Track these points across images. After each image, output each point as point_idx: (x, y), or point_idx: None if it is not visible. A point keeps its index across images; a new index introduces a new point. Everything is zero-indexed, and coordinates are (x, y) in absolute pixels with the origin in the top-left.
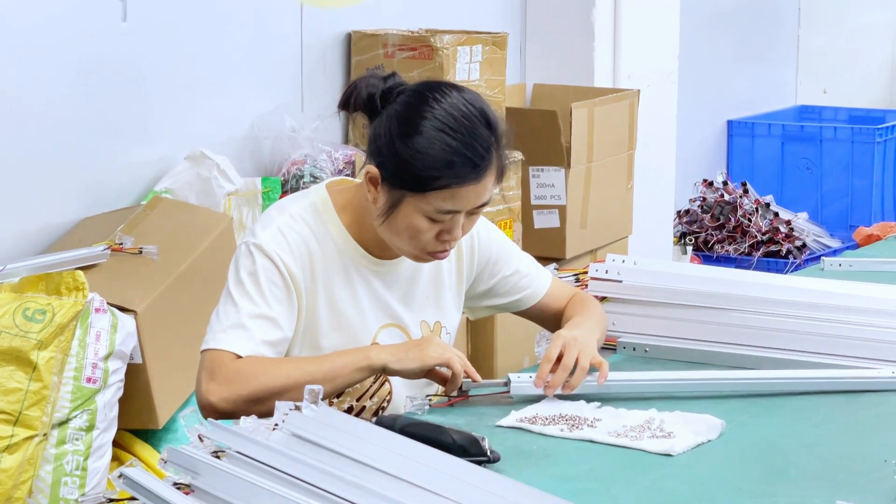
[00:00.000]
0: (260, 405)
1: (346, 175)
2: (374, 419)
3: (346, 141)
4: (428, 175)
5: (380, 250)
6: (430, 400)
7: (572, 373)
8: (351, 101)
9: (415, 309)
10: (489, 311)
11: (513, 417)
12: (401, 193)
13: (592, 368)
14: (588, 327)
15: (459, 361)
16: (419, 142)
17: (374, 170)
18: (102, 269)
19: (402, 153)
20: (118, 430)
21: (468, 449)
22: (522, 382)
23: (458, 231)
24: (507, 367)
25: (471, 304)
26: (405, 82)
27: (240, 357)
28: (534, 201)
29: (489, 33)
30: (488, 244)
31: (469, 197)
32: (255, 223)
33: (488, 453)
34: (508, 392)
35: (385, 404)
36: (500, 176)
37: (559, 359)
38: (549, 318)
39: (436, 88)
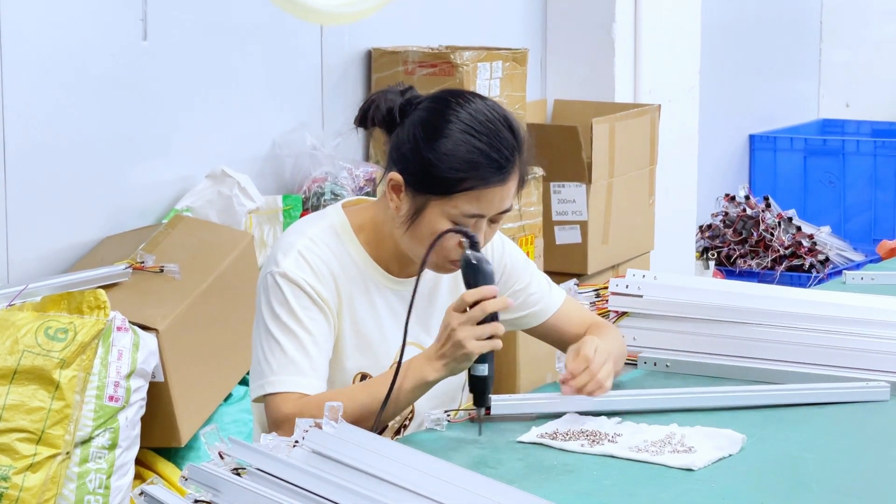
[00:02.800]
0: None
1: (367, 192)
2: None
3: (367, 158)
4: (454, 177)
5: (399, 269)
6: (448, 416)
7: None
8: (369, 116)
9: (433, 326)
10: None
11: (533, 433)
12: (425, 198)
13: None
14: (608, 348)
15: (498, 340)
16: (445, 144)
17: (397, 177)
18: (124, 288)
19: (428, 156)
20: (141, 448)
21: None
22: (503, 402)
23: (481, 238)
24: (529, 384)
25: None
26: (421, 95)
27: (301, 395)
28: (555, 217)
29: (509, 49)
30: (501, 257)
31: (494, 200)
32: (275, 250)
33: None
34: (489, 413)
35: (407, 422)
36: (521, 184)
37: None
38: (561, 339)
39: (458, 94)
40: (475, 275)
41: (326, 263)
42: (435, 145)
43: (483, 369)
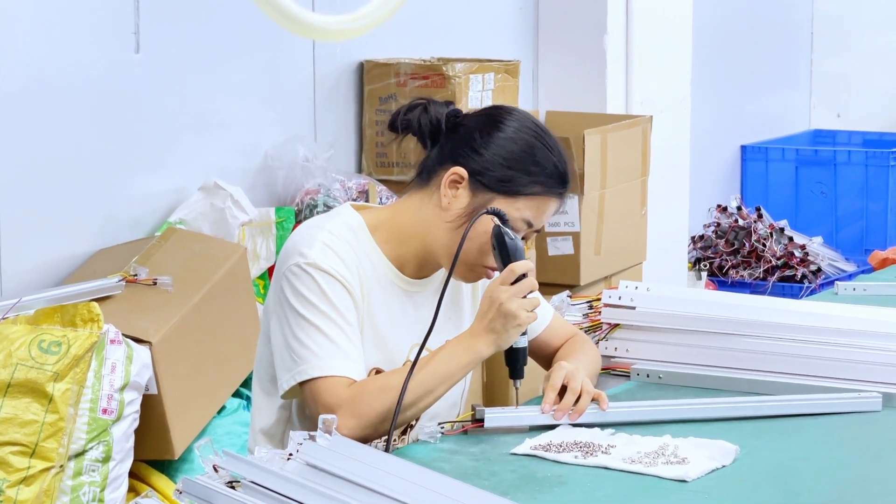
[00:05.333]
0: (385, 424)
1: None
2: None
3: (360, 170)
4: (527, 179)
5: (414, 270)
6: (442, 429)
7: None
8: (414, 120)
9: (439, 328)
10: None
11: (527, 445)
12: (490, 196)
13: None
14: (579, 363)
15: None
16: (527, 148)
17: (460, 171)
18: (117, 301)
19: (508, 155)
20: (134, 460)
21: None
22: (496, 414)
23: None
24: (523, 395)
25: None
26: (461, 111)
27: (351, 381)
28: (547, 228)
29: (501, 61)
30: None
31: (547, 212)
32: (294, 245)
33: None
34: (483, 425)
35: (413, 422)
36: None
37: (563, 387)
38: (548, 353)
39: (519, 109)
40: (515, 249)
41: (350, 256)
42: (516, 146)
43: (524, 340)
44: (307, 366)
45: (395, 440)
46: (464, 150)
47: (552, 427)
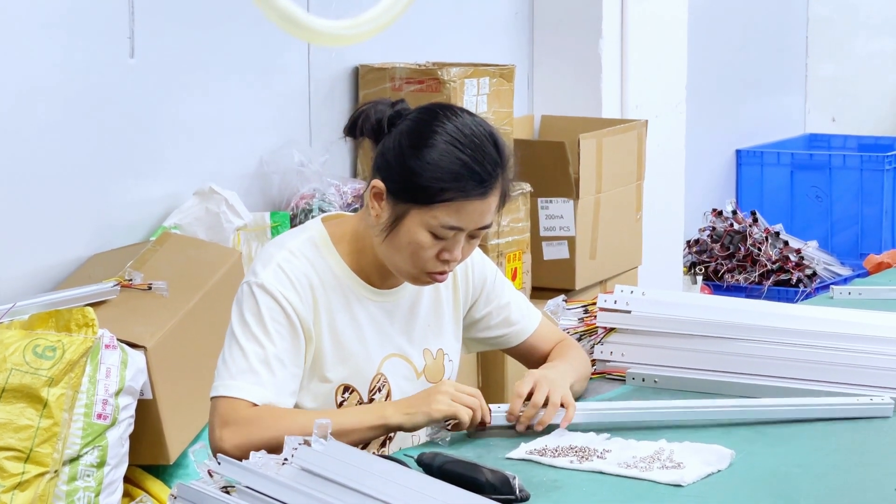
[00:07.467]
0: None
1: (355, 209)
2: (394, 455)
3: (355, 174)
4: (435, 187)
5: (380, 280)
6: (449, 431)
7: (544, 408)
8: (358, 126)
9: (417, 337)
10: (480, 346)
11: (522, 449)
12: (406, 207)
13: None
14: (562, 370)
15: (467, 412)
16: (429, 154)
17: (379, 184)
18: (112, 306)
19: (411, 164)
20: (129, 465)
21: (499, 488)
22: (494, 413)
23: (458, 251)
24: None
25: (465, 333)
26: (411, 108)
27: (254, 405)
28: (543, 233)
29: (496, 66)
30: (482, 270)
31: (473, 214)
32: (255, 262)
33: (517, 492)
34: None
35: (392, 434)
36: (503, 201)
37: (531, 395)
38: (536, 358)
39: (447, 108)
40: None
41: (306, 276)
42: (419, 154)
43: None
44: (219, 383)
45: (374, 452)
46: (382, 161)
47: (547, 431)
